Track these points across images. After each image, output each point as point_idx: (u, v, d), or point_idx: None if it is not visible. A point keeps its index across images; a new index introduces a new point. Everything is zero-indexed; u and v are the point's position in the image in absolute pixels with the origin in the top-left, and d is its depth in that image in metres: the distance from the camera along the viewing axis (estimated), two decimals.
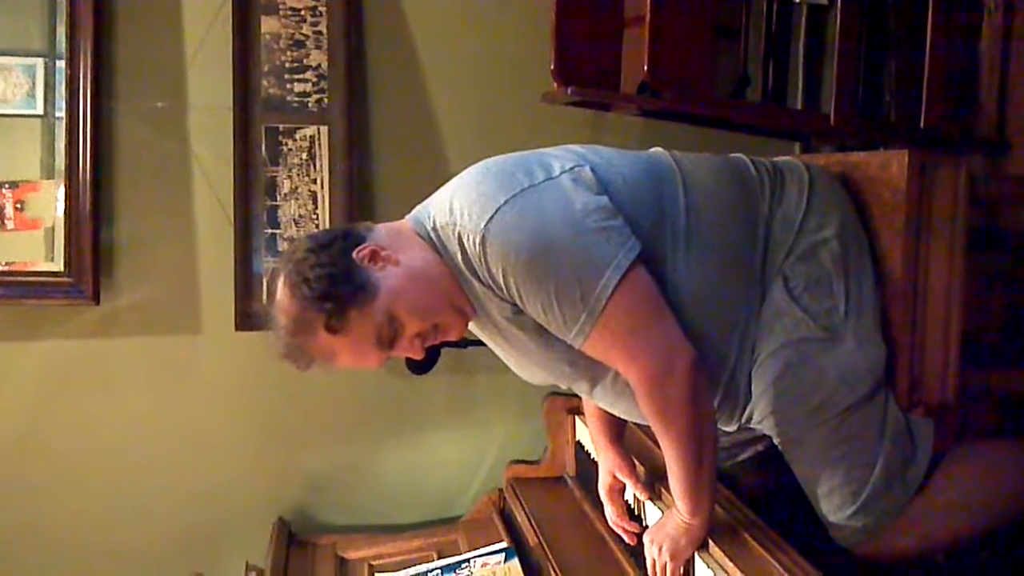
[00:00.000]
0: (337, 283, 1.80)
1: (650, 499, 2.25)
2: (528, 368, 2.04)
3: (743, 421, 2.01)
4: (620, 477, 2.32)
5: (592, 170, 1.87)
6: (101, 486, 2.98)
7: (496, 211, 1.76)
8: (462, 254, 1.82)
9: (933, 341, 2.02)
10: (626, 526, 2.32)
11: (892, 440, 1.94)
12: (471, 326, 2.02)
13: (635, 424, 2.32)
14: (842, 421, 1.93)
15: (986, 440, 2.12)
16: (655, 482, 2.23)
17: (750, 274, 1.95)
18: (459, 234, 1.80)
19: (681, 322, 1.83)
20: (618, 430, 2.33)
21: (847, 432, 1.93)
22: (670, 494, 1.95)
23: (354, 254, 1.83)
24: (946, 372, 2.03)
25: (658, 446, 1.92)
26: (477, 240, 1.77)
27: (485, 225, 1.76)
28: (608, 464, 2.33)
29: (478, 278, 1.82)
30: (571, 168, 1.86)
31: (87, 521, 2.98)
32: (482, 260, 1.78)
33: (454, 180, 1.93)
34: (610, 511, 2.36)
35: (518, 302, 1.81)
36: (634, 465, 2.31)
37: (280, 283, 1.86)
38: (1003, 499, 2.02)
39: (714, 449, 1.90)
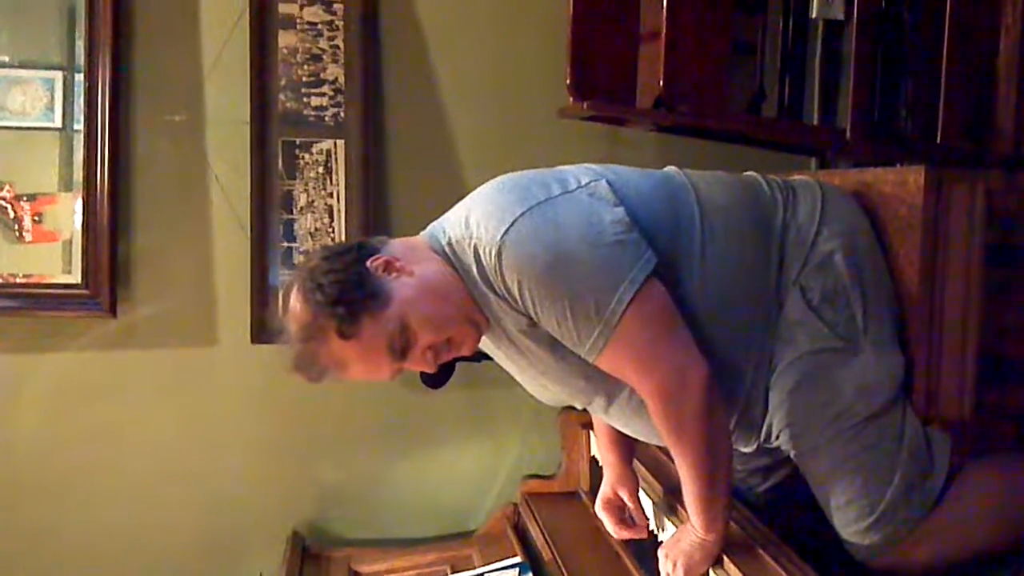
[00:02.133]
0: (350, 289, 1.80)
1: (646, 528, 2.27)
2: (543, 385, 2.04)
3: (762, 439, 2.00)
4: (622, 495, 2.32)
5: (608, 184, 1.88)
6: (116, 498, 2.98)
7: (512, 223, 1.77)
8: (478, 267, 1.82)
9: (950, 357, 2.01)
10: (631, 533, 2.32)
11: (910, 451, 1.93)
12: (486, 345, 2.02)
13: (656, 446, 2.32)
14: (860, 432, 1.92)
15: (1003, 455, 2.11)
16: (670, 498, 2.23)
17: (765, 288, 1.95)
18: (475, 247, 1.81)
19: (696, 337, 1.83)
20: (629, 449, 2.33)
21: (865, 443, 1.92)
22: (685, 509, 1.95)
23: (368, 263, 1.84)
24: (963, 388, 2.02)
25: (673, 462, 1.92)
26: (493, 252, 1.77)
27: (501, 237, 1.76)
28: (613, 479, 2.33)
29: (494, 291, 1.83)
30: (587, 183, 1.87)
31: (101, 532, 2.99)
32: (497, 272, 1.79)
33: (469, 196, 1.94)
34: (608, 523, 2.34)
35: (533, 315, 1.81)
36: (638, 488, 2.32)
37: (294, 292, 1.86)
38: (1020, 513, 2.01)
39: (729, 465, 1.90)
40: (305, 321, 1.83)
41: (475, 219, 1.83)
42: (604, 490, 2.36)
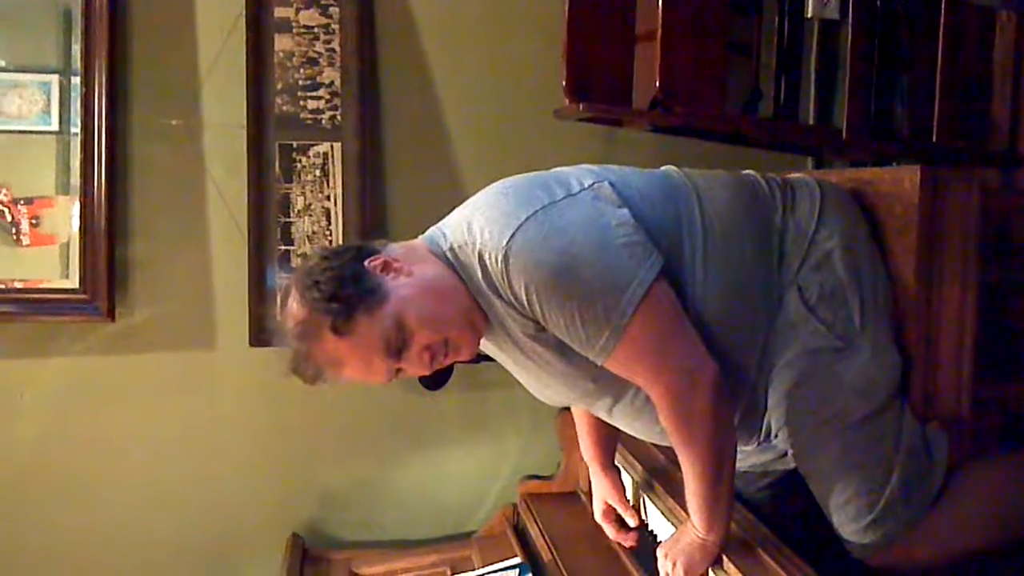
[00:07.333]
0: (346, 285, 1.79)
1: (642, 525, 2.38)
2: (548, 387, 2.04)
3: (762, 436, 2.01)
4: (612, 503, 2.39)
5: (611, 185, 1.88)
6: (115, 502, 2.98)
7: (518, 228, 1.77)
8: (483, 272, 1.81)
9: (947, 355, 2.02)
10: (627, 539, 2.39)
11: (908, 450, 1.94)
12: (488, 348, 2.02)
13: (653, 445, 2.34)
14: (858, 430, 1.92)
15: (1001, 452, 2.12)
16: (649, 477, 2.31)
17: (766, 286, 1.95)
18: (480, 252, 1.80)
19: (701, 337, 1.84)
20: (611, 455, 2.41)
21: (863, 442, 1.93)
22: (684, 509, 1.95)
23: (366, 262, 1.84)
24: (960, 386, 2.03)
25: (672, 461, 1.92)
26: (499, 257, 1.77)
27: (507, 243, 1.76)
28: (602, 492, 2.40)
29: (500, 296, 1.82)
30: (590, 184, 1.87)
31: (102, 535, 2.99)
32: (504, 277, 1.78)
33: (470, 201, 1.93)
34: (610, 531, 2.43)
35: (540, 319, 1.81)
36: (624, 490, 2.40)
37: (292, 291, 1.86)
38: (1019, 511, 2.02)
39: (733, 465, 1.90)
40: (300, 319, 1.81)
41: (478, 225, 1.82)
42: (597, 504, 2.44)
